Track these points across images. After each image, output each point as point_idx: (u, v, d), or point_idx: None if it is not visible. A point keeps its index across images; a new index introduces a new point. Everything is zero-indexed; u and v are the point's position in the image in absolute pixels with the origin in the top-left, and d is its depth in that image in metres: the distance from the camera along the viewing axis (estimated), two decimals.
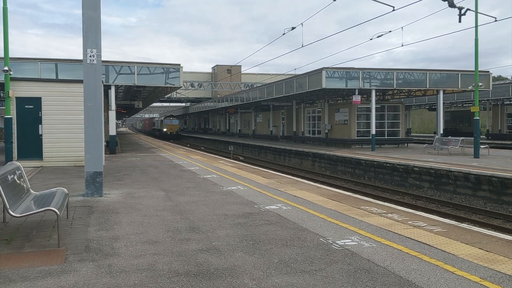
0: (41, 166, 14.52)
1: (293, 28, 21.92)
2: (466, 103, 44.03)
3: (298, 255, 4.88)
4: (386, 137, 27.53)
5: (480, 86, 19.76)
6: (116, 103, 23.48)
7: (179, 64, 22.14)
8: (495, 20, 17.97)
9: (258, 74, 56.93)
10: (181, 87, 25.56)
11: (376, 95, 27.27)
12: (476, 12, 17.87)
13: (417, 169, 16.42)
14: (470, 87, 21.87)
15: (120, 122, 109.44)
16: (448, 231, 6.03)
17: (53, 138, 14.74)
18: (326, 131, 29.73)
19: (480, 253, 4.97)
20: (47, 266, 4.46)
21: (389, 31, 19.84)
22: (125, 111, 47.97)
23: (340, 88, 24.93)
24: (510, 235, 6.26)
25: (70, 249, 5.07)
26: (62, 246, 5.17)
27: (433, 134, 36.52)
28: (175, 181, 11.17)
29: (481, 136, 30.65)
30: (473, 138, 19.53)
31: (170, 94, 37.49)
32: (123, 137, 48.35)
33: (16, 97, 14.39)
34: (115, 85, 21.49)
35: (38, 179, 11.42)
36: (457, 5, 16.67)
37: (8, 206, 5.08)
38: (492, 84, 28.87)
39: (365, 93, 28.49)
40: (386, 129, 27.61)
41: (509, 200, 12.80)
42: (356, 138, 26.76)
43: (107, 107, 21.62)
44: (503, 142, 33.84)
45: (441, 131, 25.46)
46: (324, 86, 23.23)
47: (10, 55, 14.17)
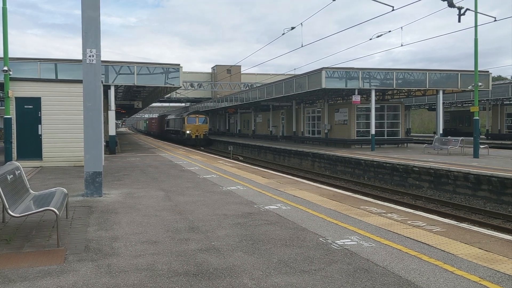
0: (41, 166, 14.51)
1: (293, 28, 21.93)
2: (466, 103, 44.06)
3: (298, 255, 4.88)
4: (386, 137, 27.54)
5: (480, 86, 19.77)
6: (116, 103, 23.46)
7: (179, 64, 22.14)
8: (495, 20, 17.98)
9: (258, 74, 56.92)
10: (181, 87, 25.57)
11: (376, 95, 27.28)
12: (476, 12, 17.88)
13: (417, 169, 16.42)
14: (470, 87, 21.89)
15: (120, 122, 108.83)
16: (448, 231, 6.03)
17: (53, 138, 14.74)
18: (326, 131, 29.73)
19: (480, 253, 4.98)
20: (47, 266, 4.46)
21: (389, 31, 19.84)
22: (125, 111, 47.96)
23: (340, 88, 24.94)
24: (510, 235, 6.27)
25: (70, 249, 5.07)
26: (62, 246, 5.17)
27: (433, 134, 36.52)
28: (175, 181, 11.17)
29: (481, 136, 30.67)
30: (473, 138, 19.54)
31: (170, 94, 37.51)
32: (123, 137, 48.34)
33: (16, 97, 14.39)
34: (115, 85, 21.49)
35: (38, 179, 11.41)
36: (457, 5, 16.67)
37: (8, 206, 5.07)
38: (492, 84, 28.89)
39: (365, 93, 28.49)
40: (386, 129, 27.62)
41: (509, 200, 12.80)
42: (356, 138, 26.76)
43: (107, 107, 21.61)
44: (503, 142, 33.86)
45: (441, 131, 25.47)
46: (324, 86, 23.23)
47: (10, 55, 14.17)
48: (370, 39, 21.28)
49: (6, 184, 5.38)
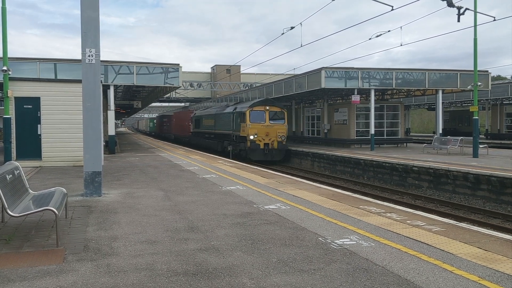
0: (40, 166, 14.50)
1: (292, 28, 21.92)
2: (465, 103, 44.10)
3: (297, 255, 4.88)
4: (385, 137, 27.55)
5: (479, 86, 19.78)
6: (115, 103, 23.46)
7: (178, 64, 22.14)
8: (494, 20, 17.98)
9: (257, 74, 56.90)
10: (180, 87, 25.55)
11: (375, 95, 27.28)
12: (475, 12, 17.89)
13: (416, 169, 16.42)
14: (469, 87, 21.89)
15: (119, 122, 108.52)
16: (447, 231, 6.03)
17: (52, 138, 14.73)
18: (325, 131, 29.74)
19: (479, 253, 4.98)
20: (46, 266, 4.46)
21: (388, 31, 19.85)
22: (124, 111, 47.95)
23: (339, 88, 24.94)
24: (509, 235, 6.27)
25: (69, 249, 5.07)
26: (61, 246, 5.17)
27: (432, 134, 36.54)
28: (174, 181, 11.17)
29: (480, 136, 30.70)
30: (472, 138, 19.55)
31: (169, 94, 37.49)
32: (123, 137, 48.32)
33: (15, 97, 14.38)
34: (114, 85, 21.47)
35: (37, 179, 11.40)
36: (456, 5, 16.68)
37: (7, 206, 5.07)
38: (491, 84, 28.92)
39: (364, 93, 28.50)
40: (385, 129, 27.64)
41: (508, 200, 12.81)
42: (355, 138, 26.77)
43: (106, 107, 21.60)
44: (502, 142, 33.88)
45: (440, 131, 25.48)
46: (323, 86, 23.24)
47: (9, 55, 14.16)
48: (370, 39, 21.31)
49: (6, 184, 5.38)
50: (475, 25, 18.24)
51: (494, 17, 17.90)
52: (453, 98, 42.32)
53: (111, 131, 21.86)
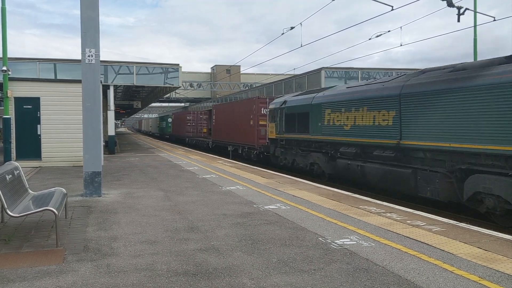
0: (40, 166, 14.50)
1: (292, 28, 21.90)
2: None
3: (297, 255, 4.88)
4: None
5: None
6: (115, 103, 23.46)
7: (178, 64, 22.16)
8: (494, 20, 17.98)
9: (257, 74, 56.95)
10: (180, 87, 25.56)
11: None
12: (475, 12, 17.90)
13: None
14: None
15: (119, 122, 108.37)
16: (447, 231, 6.03)
17: (52, 138, 14.73)
18: None
19: (479, 252, 4.97)
20: (46, 266, 4.45)
21: (388, 31, 19.84)
22: (124, 111, 47.96)
23: None
24: (509, 235, 6.26)
25: (69, 249, 5.06)
26: (61, 246, 5.16)
27: None
28: (174, 181, 11.16)
29: None
30: None
31: (169, 94, 37.50)
32: (122, 138, 48.33)
33: (15, 97, 14.38)
34: (114, 85, 21.48)
35: (37, 179, 11.40)
36: (456, 5, 16.68)
37: (7, 206, 5.07)
38: None
39: None
40: None
41: None
42: None
43: (106, 107, 21.61)
44: None
45: None
46: (323, 86, 23.24)
47: (9, 55, 14.16)
48: (370, 39, 21.27)
49: (5, 184, 5.37)
50: (475, 25, 18.26)
51: (494, 17, 17.90)
52: None
53: (111, 131, 21.86)
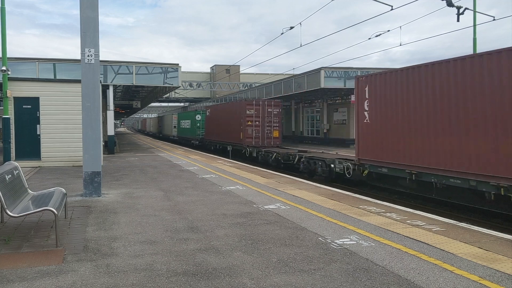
0: (39, 166, 14.48)
1: (292, 28, 21.91)
2: None
3: (297, 255, 4.87)
4: None
5: None
6: (115, 103, 23.44)
7: (178, 64, 22.14)
8: (494, 19, 17.99)
9: (257, 74, 56.95)
10: (180, 87, 25.55)
11: None
12: (475, 12, 17.90)
13: None
14: None
15: (119, 122, 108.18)
16: (447, 230, 6.02)
17: (51, 138, 14.71)
18: (325, 131, 29.76)
19: (479, 252, 4.97)
20: (45, 266, 4.44)
21: (388, 31, 19.85)
22: (124, 111, 47.95)
23: (339, 88, 24.96)
24: (509, 234, 6.26)
25: (68, 249, 5.05)
26: (60, 246, 5.16)
27: None
28: (174, 181, 11.15)
29: None
30: None
31: (169, 94, 37.50)
32: (122, 138, 48.30)
33: (14, 97, 14.36)
34: (113, 85, 21.46)
35: (36, 179, 11.39)
36: (456, 5, 16.68)
37: (6, 206, 5.06)
38: None
39: None
40: None
41: None
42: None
43: (105, 107, 21.60)
44: None
45: None
46: (323, 86, 23.27)
47: (8, 55, 14.14)
48: (369, 39, 21.29)
49: (5, 184, 5.37)
50: (475, 25, 18.26)
51: (494, 17, 17.91)
52: None
53: (111, 131, 21.84)
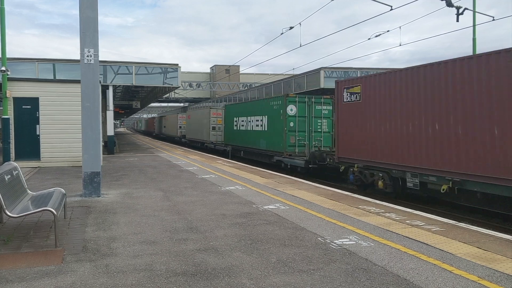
0: (39, 167, 14.48)
1: (291, 28, 21.89)
2: None
3: (296, 255, 4.88)
4: None
5: None
6: (114, 103, 23.44)
7: (177, 64, 22.13)
8: (493, 19, 17.99)
9: (256, 74, 56.93)
10: (180, 87, 25.54)
11: None
12: (474, 12, 17.90)
13: None
14: None
15: (118, 122, 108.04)
16: (446, 230, 6.03)
17: (51, 139, 14.71)
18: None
19: (478, 252, 4.98)
20: (45, 267, 4.44)
21: (387, 31, 19.84)
22: (123, 111, 47.95)
23: None
24: (508, 235, 6.27)
25: (68, 249, 5.05)
26: (60, 247, 5.16)
27: None
28: (173, 181, 11.15)
29: None
30: None
31: (168, 94, 37.47)
32: (122, 138, 48.29)
33: (14, 98, 14.36)
34: (113, 85, 21.46)
35: (36, 180, 11.38)
36: (455, 5, 16.69)
37: (5, 206, 5.06)
38: None
39: None
40: None
41: None
42: None
43: (105, 107, 21.59)
44: None
45: None
46: (322, 86, 23.27)
47: (8, 56, 14.14)
48: (369, 39, 21.26)
49: (4, 185, 5.36)
50: (474, 25, 18.26)
51: (493, 17, 17.91)
52: None
53: (110, 132, 21.84)
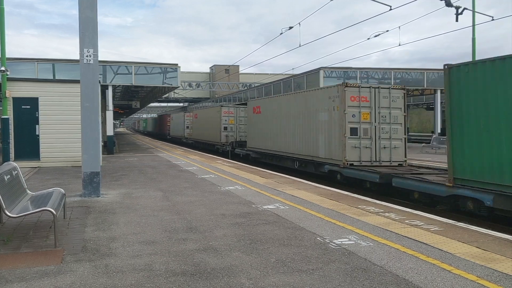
0: (39, 167, 14.48)
1: (291, 28, 21.90)
2: None
3: (295, 255, 4.88)
4: None
5: None
6: (114, 103, 23.45)
7: (177, 64, 22.14)
8: (492, 19, 18.01)
9: (256, 74, 56.91)
10: (179, 87, 25.55)
11: None
12: (474, 12, 17.92)
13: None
14: None
15: (118, 122, 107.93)
16: (445, 230, 6.03)
17: (51, 139, 14.71)
18: None
19: (477, 252, 4.98)
20: (44, 267, 4.45)
21: (387, 31, 19.86)
22: (123, 111, 47.94)
23: None
24: (508, 234, 6.28)
25: (67, 250, 5.06)
26: (59, 247, 5.16)
27: (431, 134, 36.57)
28: (173, 181, 11.16)
29: None
30: None
31: (168, 94, 37.49)
32: (121, 138, 48.28)
33: (13, 98, 14.36)
34: (113, 85, 21.47)
35: (35, 180, 11.38)
36: (454, 5, 16.70)
37: (5, 207, 5.06)
38: None
39: None
40: None
41: None
42: None
43: (105, 107, 21.59)
44: None
45: (439, 131, 25.53)
46: (322, 86, 23.25)
47: (7, 56, 14.14)
48: (368, 39, 21.29)
49: (4, 185, 5.37)
50: (474, 25, 18.28)
51: (492, 17, 17.94)
52: None
53: (110, 132, 21.85)
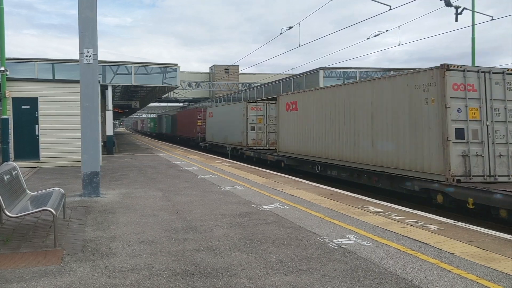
0: (38, 167, 14.47)
1: (290, 28, 21.91)
2: None
3: (295, 254, 4.88)
4: None
5: None
6: (113, 103, 23.45)
7: (177, 64, 22.14)
8: (492, 19, 18.01)
9: (256, 74, 56.88)
10: (179, 87, 25.55)
11: None
12: (473, 11, 17.92)
13: None
14: None
15: (118, 122, 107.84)
16: (445, 230, 6.04)
17: (50, 139, 14.71)
18: None
19: (477, 252, 4.98)
20: (44, 267, 4.45)
21: (386, 30, 19.87)
22: (123, 111, 47.91)
23: None
24: (507, 234, 6.28)
25: (67, 249, 5.05)
26: (59, 247, 5.16)
27: None
28: (173, 181, 11.15)
29: None
30: None
31: (168, 94, 37.49)
32: (121, 138, 48.28)
33: (13, 98, 14.35)
34: (112, 85, 21.46)
35: (35, 180, 11.38)
36: (454, 4, 16.70)
37: (4, 207, 5.06)
38: None
39: None
40: None
41: None
42: None
43: (104, 107, 21.59)
44: None
45: None
46: (321, 86, 23.24)
47: (7, 56, 14.14)
48: (368, 39, 21.29)
49: (3, 185, 5.37)
50: (473, 25, 18.29)
51: (492, 17, 17.94)
52: None
53: (109, 132, 21.84)
